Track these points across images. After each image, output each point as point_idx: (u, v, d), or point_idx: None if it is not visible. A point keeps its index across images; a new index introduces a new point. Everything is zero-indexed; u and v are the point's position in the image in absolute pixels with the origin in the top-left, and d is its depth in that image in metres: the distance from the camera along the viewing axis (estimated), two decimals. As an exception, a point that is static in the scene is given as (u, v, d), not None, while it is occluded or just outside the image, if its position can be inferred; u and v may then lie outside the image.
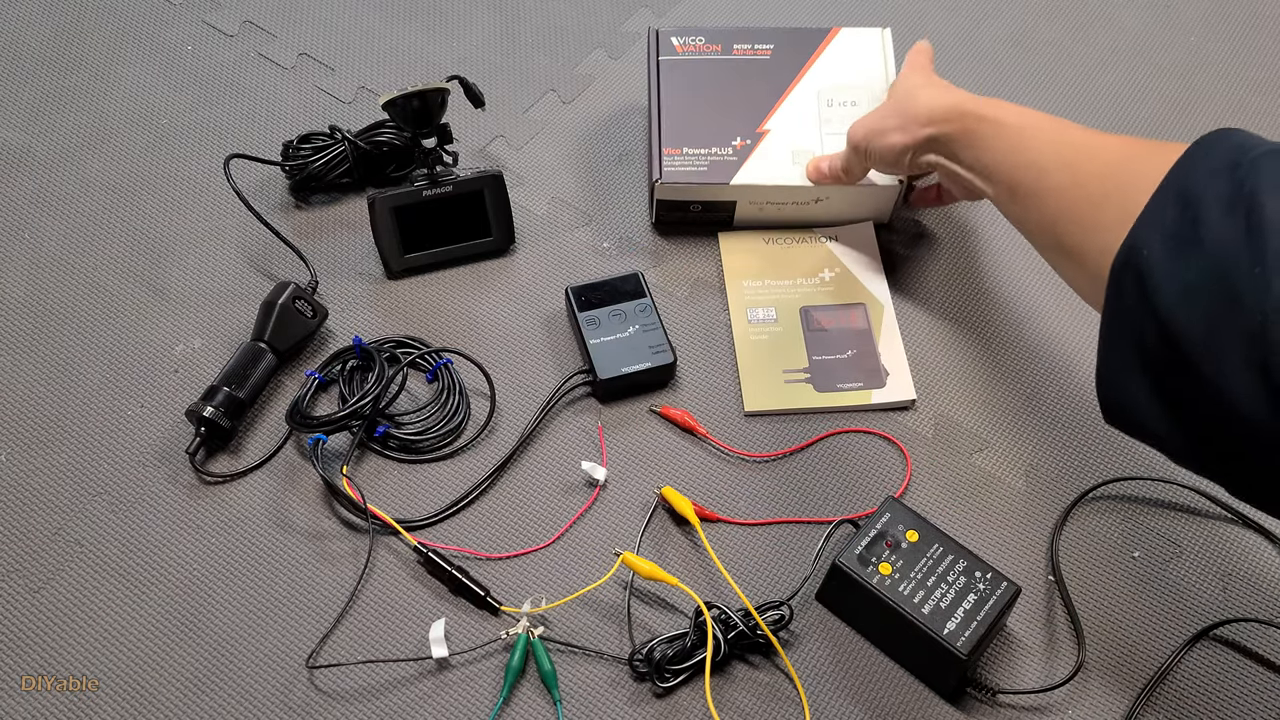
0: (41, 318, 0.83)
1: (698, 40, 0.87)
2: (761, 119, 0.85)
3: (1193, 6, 1.06)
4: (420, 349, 0.80)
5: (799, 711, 0.66)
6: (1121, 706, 0.67)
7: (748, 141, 0.84)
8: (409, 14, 1.03)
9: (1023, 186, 0.65)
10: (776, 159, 0.83)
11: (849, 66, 0.87)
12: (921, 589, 0.65)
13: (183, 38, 1.00)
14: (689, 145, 0.83)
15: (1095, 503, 0.76)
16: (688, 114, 0.85)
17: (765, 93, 0.86)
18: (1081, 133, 0.64)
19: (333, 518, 0.74)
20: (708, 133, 0.84)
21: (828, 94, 0.86)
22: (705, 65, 0.87)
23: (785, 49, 0.87)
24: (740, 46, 0.88)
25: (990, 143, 0.68)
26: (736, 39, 0.88)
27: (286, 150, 0.88)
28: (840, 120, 0.83)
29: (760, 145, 0.83)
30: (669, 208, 0.85)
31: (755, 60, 0.87)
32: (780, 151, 0.83)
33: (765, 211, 0.85)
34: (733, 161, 0.83)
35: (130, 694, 0.67)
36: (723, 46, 0.88)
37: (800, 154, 0.83)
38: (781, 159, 0.83)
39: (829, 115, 0.85)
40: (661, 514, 0.74)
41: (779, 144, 0.84)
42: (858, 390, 0.79)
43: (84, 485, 0.75)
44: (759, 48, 0.87)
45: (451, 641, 0.68)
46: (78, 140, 0.93)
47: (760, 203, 0.84)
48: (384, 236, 0.83)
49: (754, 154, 0.83)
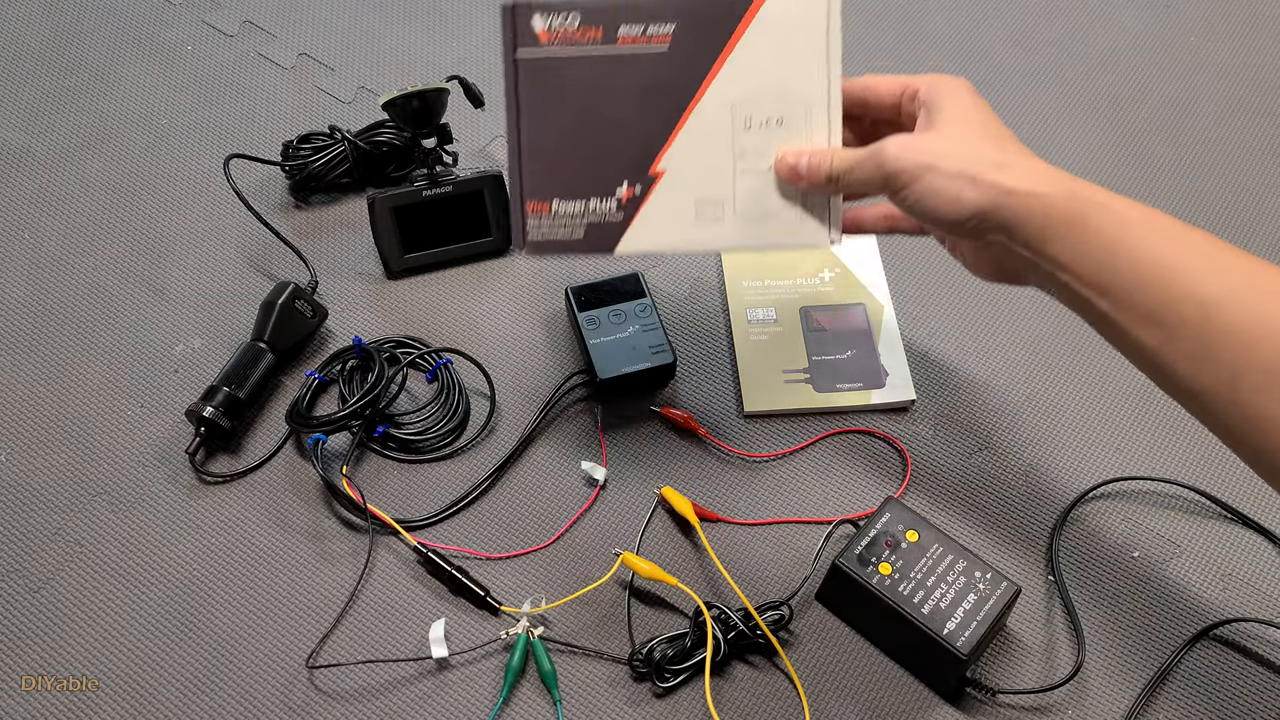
0: (41, 318, 0.83)
1: (570, 22, 0.61)
2: (655, 153, 0.62)
3: (1193, 6, 1.06)
4: (420, 349, 0.80)
5: (799, 711, 0.66)
6: (1121, 706, 0.67)
7: (636, 189, 0.62)
8: (409, 14, 1.03)
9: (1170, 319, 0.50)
10: (676, 213, 0.62)
11: (776, 61, 0.61)
12: (921, 589, 0.65)
13: (183, 38, 1.00)
14: (561, 197, 0.63)
15: (1095, 503, 0.76)
16: (558, 147, 0.62)
17: (661, 109, 0.62)
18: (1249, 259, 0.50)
19: (333, 518, 0.74)
20: (584, 176, 0.62)
21: (746, 109, 0.62)
22: (580, 66, 0.61)
23: (690, 34, 0.61)
24: (629, 32, 0.61)
25: (1111, 243, 0.52)
26: (624, 18, 0.61)
27: (286, 150, 0.88)
28: (762, 152, 0.62)
29: (654, 194, 0.62)
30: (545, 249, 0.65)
31: (648, 55, 0.61)
32: (680, 202, 0.62)
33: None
34: (617, 222, 0.63)
35: (130, 694, 0.67)
36: (604, 31, 0.61)
37: (708, 205, 0.62)
38: (683, 212, 0.62)
39: (747, 144, 0.62)
40: (661, 514, 0.74)
41: (678, 192, 0.62)
42: (857, 390, 0.79)
43: (84, 485, 0.75)
44: (654, 33, 0.61)
45: (451, 641, 0.68)
46: (78, 140, 0.93)
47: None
48: (384, 236, 0.83)
49: (645, 207, 0.62)
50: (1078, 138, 0.96)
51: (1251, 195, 0.93)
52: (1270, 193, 0.93)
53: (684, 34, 0.61)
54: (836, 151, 0.60)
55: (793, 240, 0.63)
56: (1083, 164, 0.94)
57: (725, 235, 0.62)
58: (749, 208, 0.62)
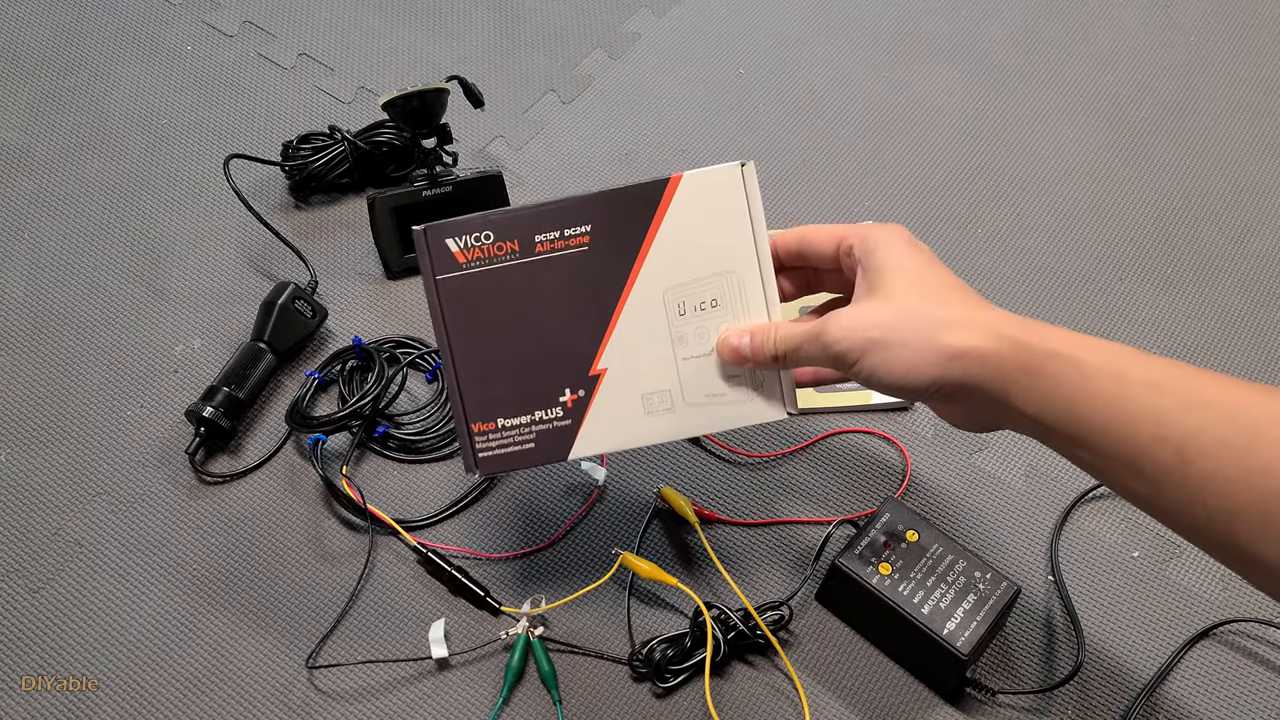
0: (41, 318, 0.83)
1: (483, 240, 0.59)
2: (593, 354, 0.60)
3: (1193, 6, 1.06)
4: (420, 349, 0.80)
5: (799, 711, 0.66)
6: (1121, 706, 0.67)
7: (580, 393, 0.60)
8: (409, 14, 1.03)
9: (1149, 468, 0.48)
10: (624, 410, 0.60)
11: (700, 242, 0.59)
12: (921, 589, 0.65)
13: (183, 38, 1.00)
14: (504, 415, 0.60)
15: (1095, 503, 0.76)
16: (494, 362, 0.60)
17: (591, 310, 0.59)
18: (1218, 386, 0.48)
19: (333, 518, 0.74)
20: (525, 389, 0.60)
21: (677, 295, 0.59)
22: (502, 280, 0.59)
23: (608, 231, 0.59)
24: (545, 238, 0.59)
25: (1072, 393, 0.49)
26: (538, 227, 0.59)
27: (286, 150, 0.88)
28: (701, 336, 0.60)
29: (598, 395, 0.60)
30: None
31: (569, 257, 0.59)
32: (627, 399, 0.60)
33: None
34: (566, 427, 0.60)
35: (130, 694, 0.67)
36: (520, 243, 0.59)
37: (654, 397, 0.60)
38: (631, 408, 0.60)
39: (685, 330, 0.60)
40: (661, 514, 0.74)
41: (623, 389, 0.60)
42: (858, 390, 0.79)
43: (84, 485, 0.75)
44: (572, 234, 0.59)
45: (451, 642, 0.68)
46: (78, 140, 0.93)
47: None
48: (384, 236, 0.83)
49: (592, 409, 0.60)
50: (1078, 138, 0.96)
51: (1251, 195, 0.93)
52: (1270, 193, 0.93)
53: (601, 232, 0.59)
54: (779, 329, 0.58)
55: (748, 419, 0.61)
56: (1083, 164, 0.94)
57: (678, 424, 0.60)
58: (697, 393, 0.60)
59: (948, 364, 0.51)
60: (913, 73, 1.00)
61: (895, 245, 0.55)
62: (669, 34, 1.02)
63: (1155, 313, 0.85)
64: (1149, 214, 0.91)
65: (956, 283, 0.54)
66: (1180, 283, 0.87)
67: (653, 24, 1.03)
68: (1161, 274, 0.87)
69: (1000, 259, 0.88)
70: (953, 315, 0.52)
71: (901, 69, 1.01)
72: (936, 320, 0.52)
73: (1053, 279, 0.87)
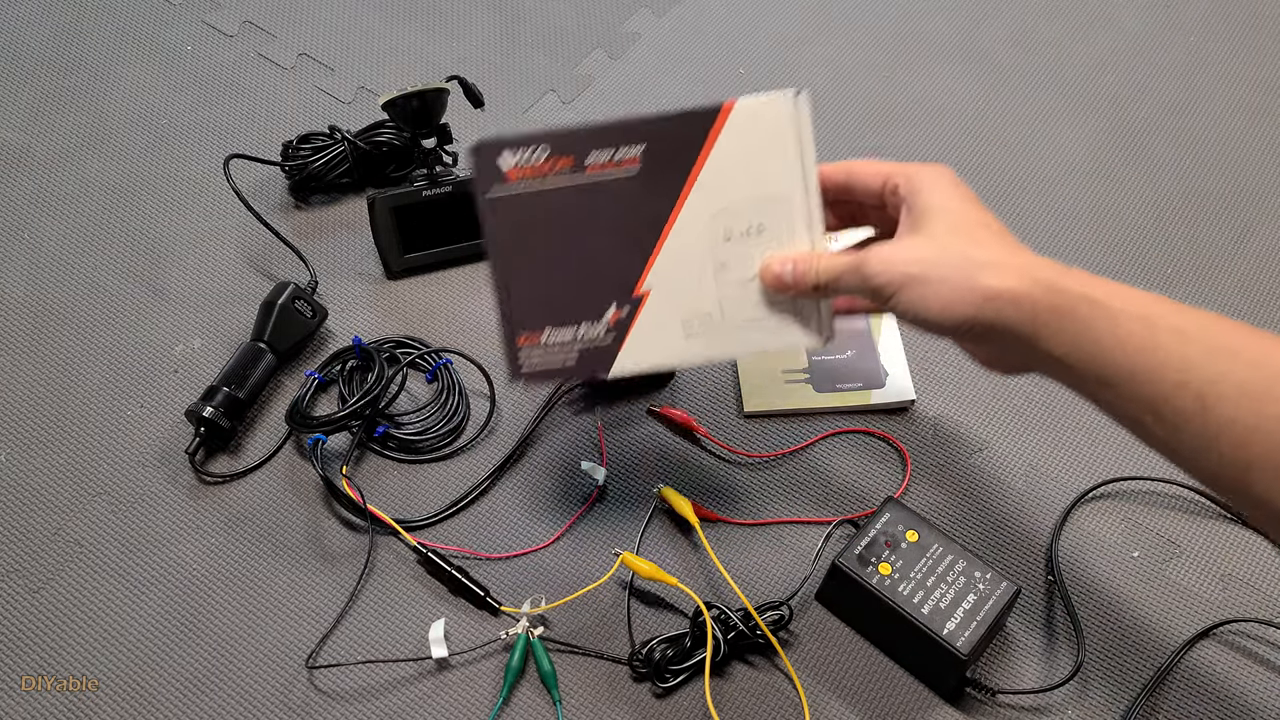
0: (41, 318, 0.83)
1: (538, 156, 0.60)
2: (638, 274, 0.62)
3: (1193, 6, 1.06)
4: (420, 349, 0.80)
5: (799, 711, 0.66)
6: (1121, 706, 0.67)
7: (624, 312, 0.62)
8: (409, 14, 1.03)
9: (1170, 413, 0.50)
10: (666, 330, 0.62)
11: (750, 169, 0.60)
12: (921, 589, 0.65)
13: (183, 38, 1.00)
14: (549, 329, 0.62)
15: (1095, 503, 0.76)
16: (541, 280, 0.62)
17: (639, 231, 0.61)
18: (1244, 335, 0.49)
19: (332, 518, 0.74)
20: (571, 303, 0.62)
21: (724, 220, 0.61)
22: (553, 198, 0.61)
23: (660, 152, 0.60)
24: (598, 158, 0.60)
25: (1101, 336, 0.51)
26: (592, 144, 0.60)
27: (286, 150, 0.88)
28: (744, 261, 0.61)
29: (641, 315, 0.62)
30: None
31: (619, 179, 0.61)
32: (669, 319, 0.62)
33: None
34: (607, 346, 0.62)
35: (130, 694, 0.67)
36: (574, 160, 0.60)
37: (696, 319, 0.62)
38: (672, 329, 0.62)
39: (728, 255, 0.61)
40: (661, 514, 0.74)
41: (666, 310, 0.62)
42: (857, 390, 0.79)
43: (84, 485, 0.75)
44: (624, 157, 0.60)
45: (451, 642, 0.68)
46: (77, 140, 0.93)
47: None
48: (384, 236, 0.83)
49: (634, 328, 0.62)
50: (1078, 138, 0.96)
51: (1251, 195, 0.93)
52: (1270, 193, 0.93)
53: (653, 154, 0.60)
54: (821, 259, 0.59)
55: (786, 343, 0.62)
56: (1083, 164, 0.94)
57: (717, 346, 0.62)
58: (738, 316, 0.62)
59: (982, 304, 0.53)
60: (913, 73, 1.00)
61: (940, 186, 0.57)
62: (669, 34, 1.02)
63: (1155, 313, 0.85)
64: (1149, 214, 0.91)
65: (998, 226, 0.56)
66: (1180, 283, 0.87)
67: (653, 24, 1.03)
68: (1161, 274, 0.87)
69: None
70: (991, 257, 0.53)
71: (901, 69, 1.01)
72: (975, 260, 0.53)
73: (1053, 279, 0.87)
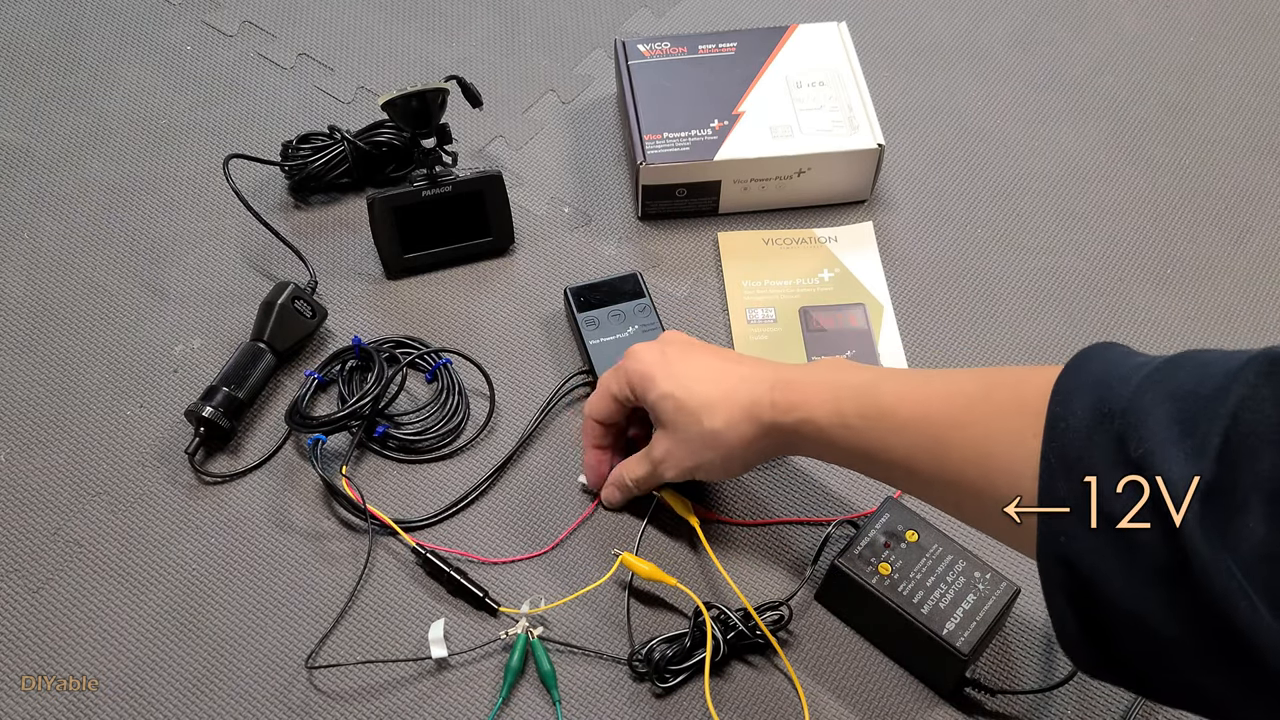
0: (41, 318, 0.83)
1: (664, 45, 0.92)
2: (736, 102, 0.88)
3: (1193, 7, 1.06)
4: (420, 349, 0.80)
5: (798, 712, 0.66)
6: (1122, 706, 0.67)
7: (725, 123, 0.87)
8: (409, 14, 1.03)
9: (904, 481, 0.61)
10: (756, 134, 0.86)
11: (812, 54, 0.91)
12: (921, 589, 0.65)
13: (182, 38, 1.00)
14: (669, 130, 0.86)
15: (1095, 503, 0.75)
16: (664, 105, 0.88)
17: (736, 81, 0.90)
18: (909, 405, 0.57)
19: (332, 518, 0.74)
20: (685, 118, 0.87)
21: (795, 76, 0.90)
22: (674, 64, 0.91)
23: (748, 46, 0.92)
24: (705, 46, 0.92)
25: (820, 450, 0.62)
26: (700, 41, 0.92)
27: (286, 150, 0.88)
28: (811, 99, 0.88)
29: (738, 125, 0.87)
30: (655, 194, 0.87)
31: (721, 57, 0.91)
32: (758, 128, 0.87)
33: (750, 192, 0.88)
34: (713, 141, 0.86)
35: (130, 694, 0.67)
36: (688, 48, 0.92)
37: (778, 129, 0.86)
38: (761, 134, 0.86)
39: (800, 95, 0.89)
40: (661, 514, 0.74)
41: (756, 122, 0.87)
42: (857, 390, 0.79)
43: (83, 485, 0.75)
44: (723, 46, 0.92)
45: (451, 642, 0.68)
46: (77, 140, 0.93)
47: (745, 181, 0.87)
48: (383, 236, 0.83)
49: (733, 132, 0.86)
50: (1078, 138, 0.96)
51: (1252, 195, 0.92)
52: (1270, 193, 0.93)
53: (744, 46, 0.92)
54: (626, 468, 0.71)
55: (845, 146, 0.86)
56: (1083, 164, 0.94)
57: (795, 146, 0.86)
58: (810, 128, 0.87)
59: (745, 454, 0.64)
60: (911, 72, 1.00)
61: (653, 379, 0.66)
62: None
63: (1155, 313, 0.85)
64: (1149, 214, 0.91)
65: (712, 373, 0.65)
66: (1180, 283, 0.87)
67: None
68: (1161, 274, 0.87)
69: (1000, 259, 0.88)
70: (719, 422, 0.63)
71: (902, 68, 1.01)
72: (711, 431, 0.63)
73: (1053, 279, 0.87)
